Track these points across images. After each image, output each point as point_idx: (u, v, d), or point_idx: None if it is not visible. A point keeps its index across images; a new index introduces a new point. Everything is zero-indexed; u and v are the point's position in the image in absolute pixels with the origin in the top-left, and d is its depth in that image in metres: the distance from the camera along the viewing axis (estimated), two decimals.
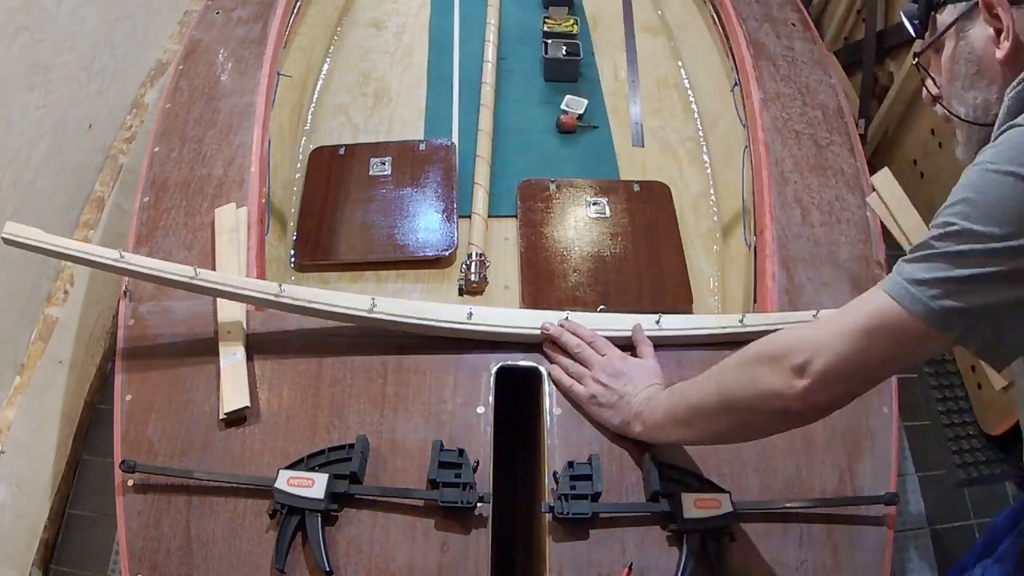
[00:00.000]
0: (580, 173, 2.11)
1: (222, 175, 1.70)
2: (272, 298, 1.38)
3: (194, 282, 1.38)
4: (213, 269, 1.53)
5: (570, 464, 1.26)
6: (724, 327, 1.46)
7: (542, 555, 1.25)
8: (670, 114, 2.35)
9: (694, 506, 1.22)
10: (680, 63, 2.52)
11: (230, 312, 1.46)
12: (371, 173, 2.04)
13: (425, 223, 1.92)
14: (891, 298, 0.91)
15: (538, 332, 1.43)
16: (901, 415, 1.43)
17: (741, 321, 1.46)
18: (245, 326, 1.45)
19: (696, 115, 2.33)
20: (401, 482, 1.28)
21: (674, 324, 1.46)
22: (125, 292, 1.51)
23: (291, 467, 1.26)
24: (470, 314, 1.41)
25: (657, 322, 1.45)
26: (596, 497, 1.23)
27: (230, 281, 1.41)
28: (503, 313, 1.46)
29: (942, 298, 0.86)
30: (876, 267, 1.64)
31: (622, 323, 1.46)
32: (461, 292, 1.82)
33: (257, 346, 1.43)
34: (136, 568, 1.22)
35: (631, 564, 1.21)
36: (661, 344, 1.44)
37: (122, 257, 1.39)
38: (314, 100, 2.33)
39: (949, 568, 1.67)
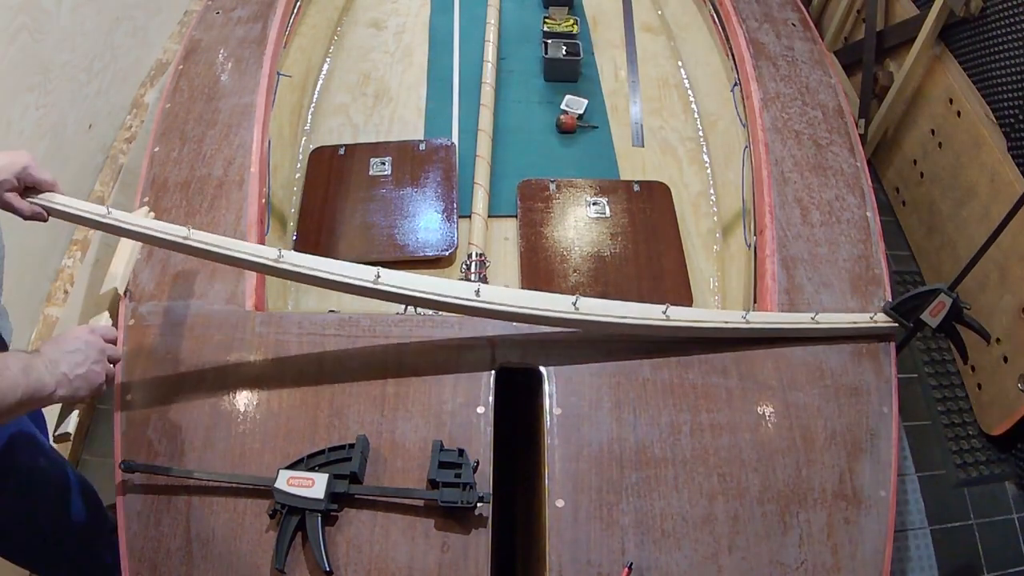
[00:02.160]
0: (580, 173, 2.11)
1: (222, 175, 1.70)
2: (271, 263, 1.33)
3: (187, 243, 1.32)
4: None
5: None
6: (728, 322, 1.46)
7: (542, 555, 1.25)
8: (670, 114, 2.35)
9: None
10: (680, 63, 2.52)
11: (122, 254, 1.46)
12: (371, 173, 2.04)
13: (425, 223, 1.92)
14: None
15: (544, 313, 1.38)
16: (901, 415, 1.43)
17: (744, 318, 1.46)
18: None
19: (696, 115, 2.33)
20: (401, 482, 1.28)
21: (680, 316, 1.45)
22: (125, 292, 1.51)
23: (291, 467, 1.26)
24: (478, 291, 1.37)
25: (664, 312, 1.44)
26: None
27: (225, 244, 1.34)
28: (511, 292, 1.42)
29: None
30: (876, 267, 1.64)
31: (628, 311, 1.44)
32: None
33: (258, 346, 1.43)
34: (136, 568, 1.22)
35: (631, 564, 1.21)
36: (666, 338, 1.44)
37: (109, 213, 1.31)
38: (314, 100, 2.33)
39: None
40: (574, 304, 1.38)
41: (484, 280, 1.81)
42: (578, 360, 1.43)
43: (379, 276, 1.34)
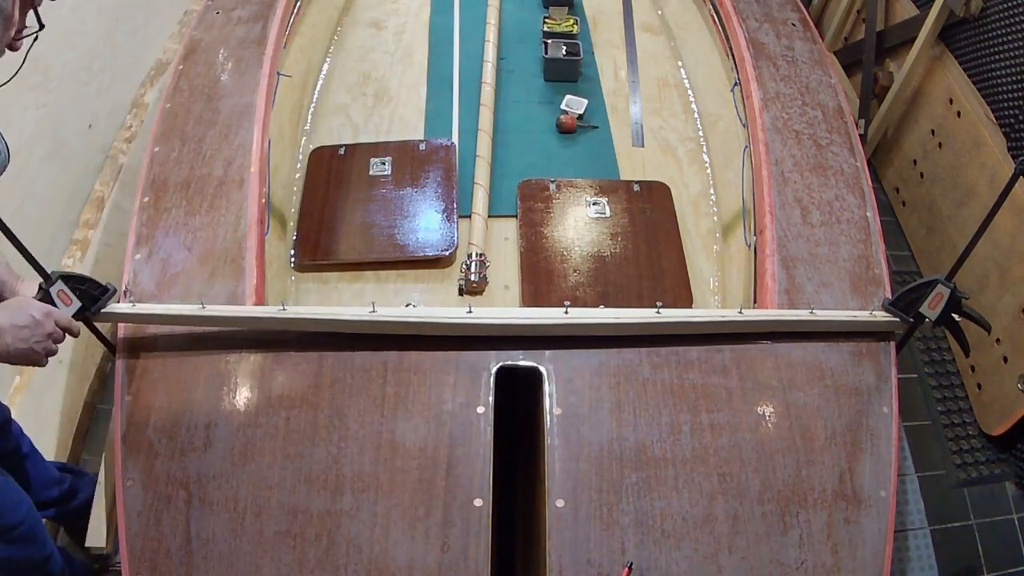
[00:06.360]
0: (580, 173, 2.11)
1: (222, 175, 1.70)
2: (275, 316, 1.42)
3: (201, 314, 1.41)
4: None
5: None
6: (724, 316, 1.46)
7: (542, 555, 1.25)
8: (670, 114, 2.35)
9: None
10: (680, 63, 2.52)
11: None
12: (371, 173, 2.04)
13: (425, 223, 1.92)
14: None
15: (537, 326, 1.43)
16: (901, 415, 1.43)
17: (740, 312, 1.46)
18: None
19: (696, 115, 2.33)
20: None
21: (673, 313, 1.47)
22: (126, 292, 1.51)
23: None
24: (470, 309, 1.42)
25: (657, 311, 1.45)
26: None
27: (234, 312, 1.45)
28: (502, 309, 1.48)
29: None
30: (876, 267, 1.64)
31: (621, 315, 1.46)
32: (461, 292, 1.82)
33: (258, 344, 1.43)
34: (136, 568, 1.22)
35: (631, 564, 1.21)
36: (661, 335, 1.44)
37: (133, 307, 1.43)
38: (314, 100, 2.33)
39: None
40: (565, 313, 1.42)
41: (484, 280, 1.81)
42: (578, 360, 1.43)
43: (374, 309, 1.43)
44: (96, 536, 1.50)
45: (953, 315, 1.48)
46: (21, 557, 1.54)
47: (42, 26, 1.21)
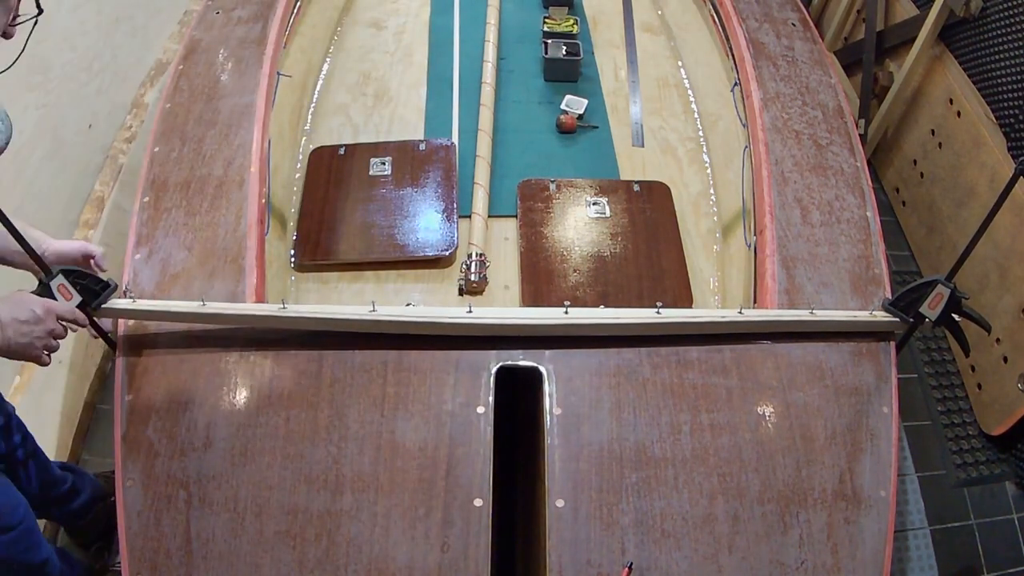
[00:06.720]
0: (580, 173, 2.11)
1: (222, 175, 1.70)
2: (276, 314, 1.42)
3: (202, 311, 1.41)
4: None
5: None
6: (724, 316, 1.46)
7: (542, 555, 1.25)
8: (670, 114, 2.35)
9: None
10: (680, 63, 2.52)
11: None
12: (371, 173, 2.04)
13: (425, 223, 1.92)
14: None
15: (537, 326, 1.43)
16: (901, 415, 1.43)
17: (740, 312, 1.46)
18: None
19: (696, 115, 2.34)
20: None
21: (673, 313, 1.47)
22: (125, 292, 1.51)
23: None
24: (470, 309, 1.43)
25: (657, 312, 1.45)
26: None
27: (235, 309, 1.44)
28: (502, 309, 1.48)
29: None
30: (876, 267, 1.64)
31: (621, 315, 1.46)
32: (461, 292, 1.82)
33: (258, 344, 1.43)
34: (136, 568, 1.22)
35: (631, 564, 1.21)
36: (661, 335, 1.44)
37: (134, 303, 1.43)
38: (314, 100, 2.33)
39: None
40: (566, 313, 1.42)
41: (484, 280, 1.81)
42: (578, 360, 1.43)
43: (375, 311, 1.43)
44: None
45: (953, 315, 1.48)
46: (17, 560, 1.54)
47: (40, 10, 1.19)
